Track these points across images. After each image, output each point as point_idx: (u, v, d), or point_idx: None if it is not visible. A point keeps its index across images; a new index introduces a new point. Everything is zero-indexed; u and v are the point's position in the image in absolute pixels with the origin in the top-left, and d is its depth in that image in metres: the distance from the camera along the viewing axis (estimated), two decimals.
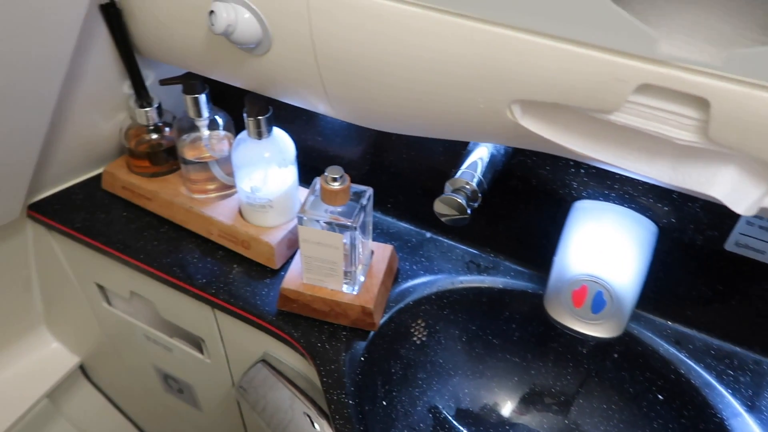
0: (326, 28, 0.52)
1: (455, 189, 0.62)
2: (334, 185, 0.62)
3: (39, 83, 0.65)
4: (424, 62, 0.49)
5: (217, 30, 0.53)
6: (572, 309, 0.57)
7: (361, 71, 0.53)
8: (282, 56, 0.57)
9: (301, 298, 0.70)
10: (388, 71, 0.51)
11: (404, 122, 0.56)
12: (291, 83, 0.60)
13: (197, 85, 0.71)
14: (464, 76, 0.48)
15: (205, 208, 0.78)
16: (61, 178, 0.85)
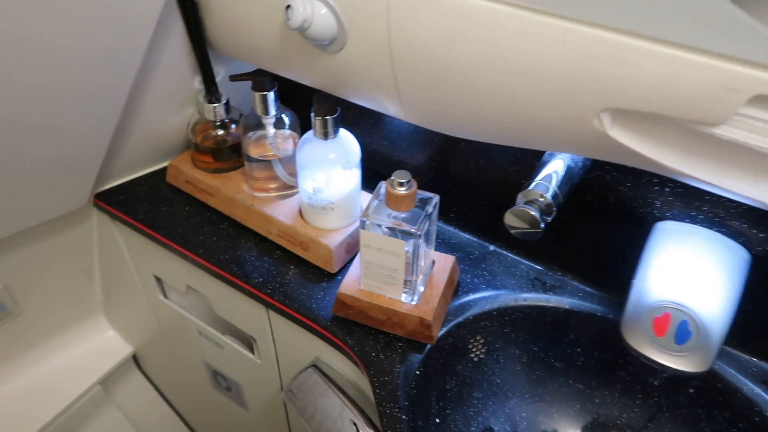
0: (406, 26, 0.49)
1: (528, 201, 0.58)
2: (401, 190, 0.60)
3: (113, 76, 0.65)
4: (509, 64, 0.46)
5: (293, 25, 0.51)
6: (653, 337, 0.52)
7: (440, 72, 0.50)
8: (356, 54, 0.55)
9: (358, 305, 0.68)
10: (469, 73, 0.48)
11: (480, 128, 0.53)
12: (363, 82, 0.58)
13: (266, 82, 0.70)
14: (552, 81, 0.45)
15: (265, 207, 0.77)
16: (128, 170, 0.86)
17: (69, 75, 0.61)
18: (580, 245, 0.73)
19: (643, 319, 0.54)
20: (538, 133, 0.50)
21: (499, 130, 0.53)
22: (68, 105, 0.64)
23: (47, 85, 0.60)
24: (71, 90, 0.62)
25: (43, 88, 0.60)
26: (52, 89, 0.61)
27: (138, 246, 0.88)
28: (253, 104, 0.73)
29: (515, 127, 0.51)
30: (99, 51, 0.61)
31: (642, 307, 0.55)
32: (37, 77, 0.59)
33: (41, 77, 0.59)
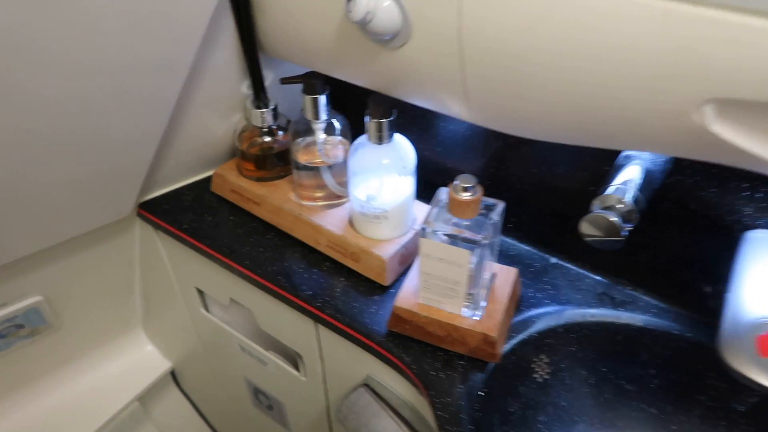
0: (480, 14, 0.46)
1: (605, 207, 0.53)
2: (465, 195, 0.56)
3: (161, 84, 0.63)
4: (597, 51, 0.42)
5: (355, 17, 0.48)
6: (757, 358, 0.47)
7: (515, 64, 0.46)
8: (421, 48, 0.52)
9: (416, 320, 0.63)
10: (549, 63, 0.44)
11: (556, 125, 0.49)
12: (426, 80, 0.54)
13: (318, 85, 0.67)
14: (648, 69, 0.40)
15: (314, 216, 0.74)
16: (172, 179, 0.84)
17: (117, 86, 0.59)
18: (653, 257, 0.68)
19: (744, 338, 0.48)
20: (624, 129, 0.46)
21: (578, 127, 0.48)
22: (116, 116, 0.62)
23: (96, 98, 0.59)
24: (119, 101, 0.60)
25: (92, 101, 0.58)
26: (100, 101, 0.59)
27: (181, 257, 0.85)
28: (303, 108, 0.70)
29: (598, 123, 0.47)
30: (148, 60, 0.59)
31: (741, 325, 0.49)
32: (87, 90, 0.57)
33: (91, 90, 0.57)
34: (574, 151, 0.67)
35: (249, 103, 0.76)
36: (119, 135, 0.64)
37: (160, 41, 0.58)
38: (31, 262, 0.78)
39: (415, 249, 0.73)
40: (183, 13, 0.58)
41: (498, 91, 0.50)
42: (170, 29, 0.58)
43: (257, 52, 0.69)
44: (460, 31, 0.47)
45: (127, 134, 0.65)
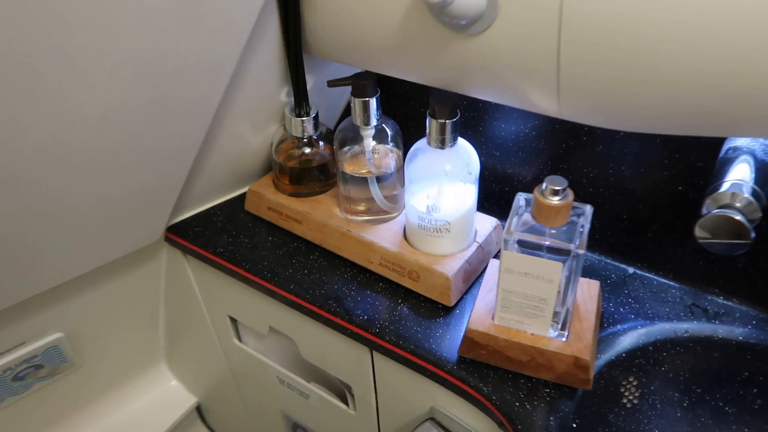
0: None
1: (722, 206, 0.46)
2: (555, 200, 0.49)
3: (204, 88, 0.57)
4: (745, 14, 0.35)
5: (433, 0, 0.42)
6: None
7: (631, 42, 0.40)
8: (508, 32, 0.45)
9: (493, 343, 0.56)
10: (678, 37, 0.38)
11: (671, 113, 0.42)
12: (508, 70, 0.48)
13: (369, 87, 0.61)
14: None
15: (364, 232, 0.67)
16: (202, 199, 0.77)
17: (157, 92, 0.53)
18: (748, 261, 0.61)
19: None
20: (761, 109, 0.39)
21: (698, 113, 0.42)
22: (153, 127, 0.56)
23: (134, 107, 0.52)
24: (158, 109, 0.54)
25: (129, 110, 0.52)
26: (138, 110, 0.53)
27: (213, 284, 0.78)
28: (353, 113, 0.63)
29: (729, 106, 0.40)
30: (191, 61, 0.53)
31: None
32: (125, 97, 0.51)
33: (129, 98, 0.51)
34: (658, 148, 0.60)
35: (288, 112, 0.69)
36: (155, 149, 0.58)
37: (206, 39, 0.52)
38: (51, 297, 0.71)
39: (479, 264, 0.66)
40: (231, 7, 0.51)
41: (601, 77, 0.43)
42: (217, 26, 0.52)
43: (302, 54, 0.63)
44: (562, 8, 0.41)
45: (163, 148, 0.58)
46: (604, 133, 0.62)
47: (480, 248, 0.65)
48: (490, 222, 0.68)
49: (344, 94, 0.77)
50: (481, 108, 0.69)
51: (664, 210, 0.63)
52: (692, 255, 0.64)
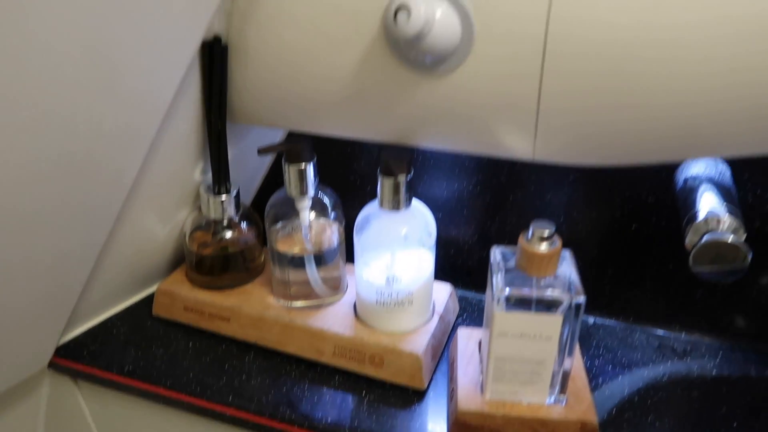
0: (577, 14, 0.37)
1: (707, 233, 0.45)
2: (543, 247, 0.45)
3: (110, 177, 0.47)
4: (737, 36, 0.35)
5: (410, 31, 0.37)
6: None
7: (619, 66, 0.38)
8: (482, 68, 0.42)
9: (489, 423, 0.49)
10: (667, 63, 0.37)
11: (662, 137, 0.41)
12: (481, 111, 0.44)
13: (305, 151, 0.54)
14: None
15: (310, 320, 0.58)
16: (97, 309, 0.63)
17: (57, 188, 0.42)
18: (707, 293, 0.61)
19: None
20: (749, 128, 0.38)
21: (683, 136, 0.40)
22: (51, 226, 0.43)
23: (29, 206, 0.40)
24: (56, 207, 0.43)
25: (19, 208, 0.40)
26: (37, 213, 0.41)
27: (119, 416, 0.63)
28: (286, 183, 0.56)
29: (716, 128, 0.39)
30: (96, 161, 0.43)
31: None
32: None
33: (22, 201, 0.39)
34: (607, 188, 0.60)
35: (204, 191, 0.59)
36: (49, 252, 0.45)
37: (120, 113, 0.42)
38: None
39: (442, 337, 0.59)
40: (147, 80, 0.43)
41: (584, 107, 0.41)
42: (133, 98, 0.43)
43: (225, 119, 0.55)
44: (547, 36, 0.38)
45: (60, 251, 0.46)
46: (552, 180, 0.60)
47: (441, 319, 0.59)
48: (444, 289, 0.62)
49: (262, 163, 0.69)
50: (418, 166, 0.65)
51: (618, 252, 0.62)
52: (650, 295, 0.63)
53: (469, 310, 0.66)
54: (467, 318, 0.65)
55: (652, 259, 0.61)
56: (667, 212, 0.58)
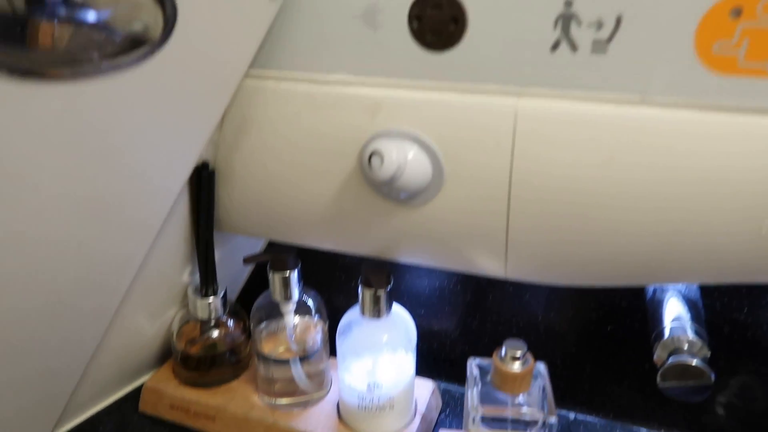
0: (539, 152, 0.40)
1: (674, 351, 0.47)
2: (516, 366, 0.46)
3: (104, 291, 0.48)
4: (689, 179, 0.37)
5: (383, 176, 0.40)
6: None
7: (582, 204, 0.40)
8: (452, 204, 0.44)
9: None
10: (626, 194, 0.39)
11: (620, 265, 0.43)
12: (453, 238, 0.46)
13: (289, 260, 0.56)
14: (751, 194, 0.36)
15: (293, 421, 0.59)
16: (82, 406, 0.63)
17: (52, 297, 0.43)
18: None
19: None
20: (703, 260, 0.41)
21: (647, 264, 0.43)
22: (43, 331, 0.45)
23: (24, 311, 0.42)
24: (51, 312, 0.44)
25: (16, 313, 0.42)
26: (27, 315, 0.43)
27: None
28: (271, 288, 0.57)
29: (673, 259, 0.41)
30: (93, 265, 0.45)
31: None
32: None
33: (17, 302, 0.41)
34: (584, 291, 0.61)
35: (192, 292, 0.61)
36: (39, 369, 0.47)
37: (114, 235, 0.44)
38: None
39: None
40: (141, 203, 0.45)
41: (553, 237, 0.43)
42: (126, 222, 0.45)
43: (213, 232, 0.57)
44: (512, 173, 0.41)
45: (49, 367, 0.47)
46: None
47: (423, 419, 0.60)
48: (426, 387, 0.63)
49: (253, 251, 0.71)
50: (400, 266, 0.67)
51: (595, 350, 0.63)
52: (627, 392, 0.64)
53: (452, 404, 0.67)
54: (450, 414, 0.66)
55: (627, 359, 0.62)
56: (640, 316, 0.59)
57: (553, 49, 0.38)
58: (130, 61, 0.36)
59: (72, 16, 0.32)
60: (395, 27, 0.41)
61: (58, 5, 0.32)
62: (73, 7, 0.32)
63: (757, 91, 0.35)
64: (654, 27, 0.35)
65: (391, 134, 0.44)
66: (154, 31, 0.36)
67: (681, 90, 0.36)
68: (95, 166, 0.41)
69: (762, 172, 0.36)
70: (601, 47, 0.37)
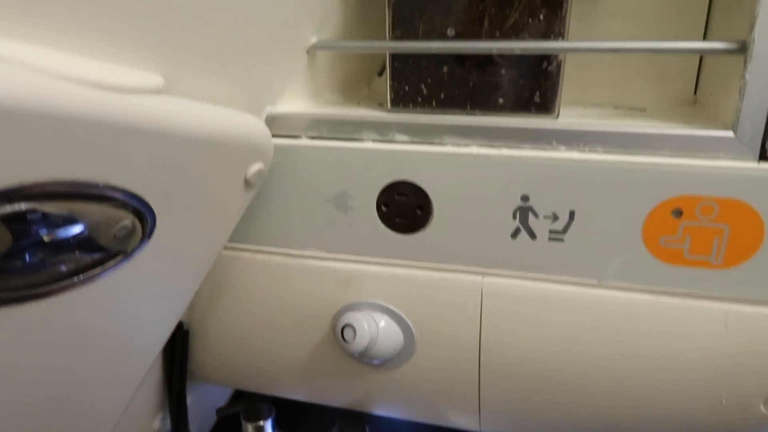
0: (506, 326, 0.42)
1: None
2: None
3: None
4: (648, 359, 0.39)
5: (356, 348, 0.41)
6: None
7: (547, 375, 0.42)
8: (425, 368, 0.45)
9: None
10: (588, 372, 0.41)
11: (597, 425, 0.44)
12: (427, 396, 0.47)
13: (263, 410, 0.56)
14: (706, 371, 0.39)
15: None
16: None
17: None
18: None
19: None
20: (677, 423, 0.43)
21: (618, 424, 0.44)
22: None
23: None
24: None
25: None
26: None
27: None
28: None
29: (641, 425, 0.43)
30: None
31: None
32: None
33: None
34: None
35: None
36: None
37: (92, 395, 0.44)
38: None
39: None
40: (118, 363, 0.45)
41: (521, 402, 0.44)
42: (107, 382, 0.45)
43: (185, 384, 0.56)
44: (481, 346, 0.42)
45: None
46: None
47: None
48: None
49: (223, 395, 0.70)
50: None
51: None
52: None
53: None
54: None
55: None
56: None
57: (514, 237, 0.40)
58: (106, 271, 0.36)
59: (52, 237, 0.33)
60: (365, 211, 0.43)
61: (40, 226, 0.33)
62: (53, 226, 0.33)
63: (704, 279, 0.38)
64: (605, 221, 0.38)
65: (362, 306, 0.45)
66: (132, 240, 0.36)
67: (634, 277, 0.39)
68: (77, 347, 0.41)
69: (714, 351, 0.39)
70: (558, 237, 0.39)
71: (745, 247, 0.36)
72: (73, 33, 0.29)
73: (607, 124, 0.38)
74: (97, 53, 0.30)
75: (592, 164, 0.37)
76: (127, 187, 0.33)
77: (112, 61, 0.31)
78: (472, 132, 0.39)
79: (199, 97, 0.38)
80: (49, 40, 0.28)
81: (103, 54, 0.31)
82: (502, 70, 0.40)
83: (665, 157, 0.36)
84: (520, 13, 0.38)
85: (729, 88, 0.38)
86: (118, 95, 0.29)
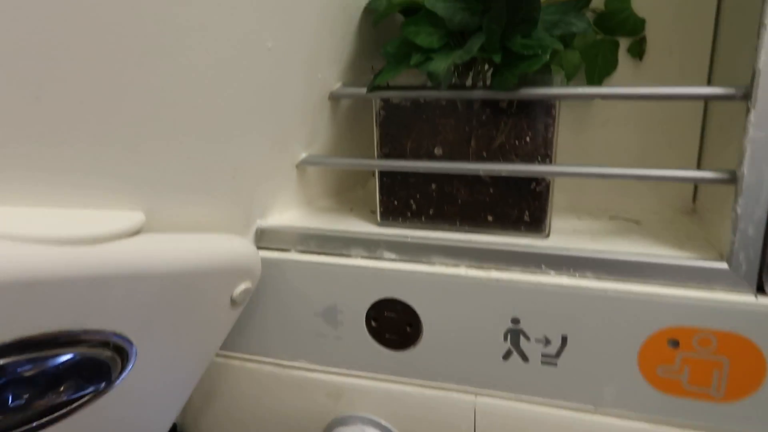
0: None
1: None
2: None
3: None
4: None
5: None
6: None
7: None
8: None
9: None
10: None
11: None
12: None
13: None
14: None
15: None
16: None
17: None
18: None
19: None
20: None
21: None
22: None
23: None
24: None
25: None
26: None
27: None
28: None
29: None
30: None
31: None
32: None
33: None
34: None
35: None
36: None
37: None
38: None
39: None
40: None
41: None
42: None
43: None
44: None
45: None
46: None
47: None
48: None
49: None
50: None
51: None
52: None
53: None
54: None
55: None
56: None
57: (505, 358, 0.39)
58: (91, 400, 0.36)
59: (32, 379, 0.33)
60: (354, 326, 0.42)
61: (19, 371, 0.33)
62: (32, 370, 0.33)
63: (703, 411, 0.36)
64: (599, 348, 0.37)
65: (353, 420, 0.44)
66: (113, 371, 0.36)
67: (631, 405, 0.37)
68: None
69: None
70: (551, 361, 0.38)
71: (748, 382, 0.35)
72: (55, 183, 0.29)
73: (597, 251, 0.36)
74: (77, 200, 0.31)
75: (583, 291, 0.36)
76: (105, 328, 0.32)
77: (93, 205, 0.32)
78: (460, 252, 0.39)
79: (185, 224, 0.38)
80: (26, 195, 0.29)
81: (84, 200, 0.31)
82: (490, 189, 0.40)
83: (658, 286, 0.35)
84: (506, 135, 0.38)
85: (723, 211, 0.36)
86: (89, 247, 0.29)
